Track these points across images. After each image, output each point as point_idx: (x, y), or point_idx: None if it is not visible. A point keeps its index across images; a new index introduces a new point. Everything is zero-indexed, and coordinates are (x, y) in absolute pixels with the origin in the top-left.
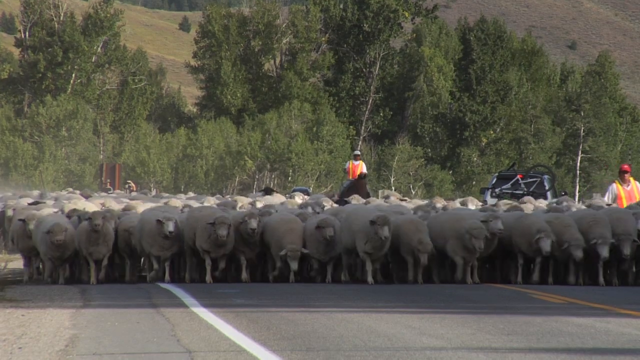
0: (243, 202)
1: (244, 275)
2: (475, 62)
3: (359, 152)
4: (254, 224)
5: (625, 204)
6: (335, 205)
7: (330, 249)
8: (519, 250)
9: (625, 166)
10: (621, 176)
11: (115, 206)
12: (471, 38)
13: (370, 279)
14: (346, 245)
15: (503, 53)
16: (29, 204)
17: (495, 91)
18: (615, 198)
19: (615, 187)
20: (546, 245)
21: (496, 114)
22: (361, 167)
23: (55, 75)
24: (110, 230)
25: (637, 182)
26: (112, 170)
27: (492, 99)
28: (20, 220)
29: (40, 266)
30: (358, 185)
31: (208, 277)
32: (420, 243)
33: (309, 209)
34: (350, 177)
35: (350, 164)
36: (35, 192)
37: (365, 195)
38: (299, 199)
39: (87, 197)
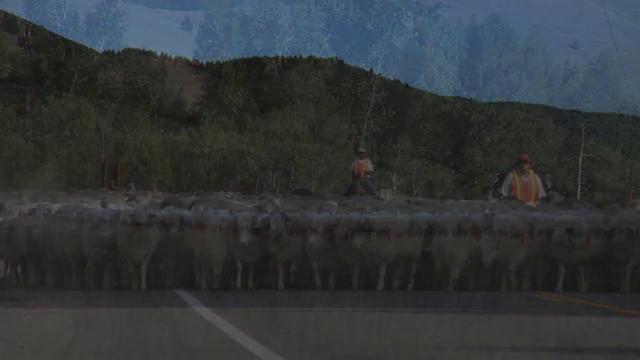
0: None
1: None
2: (482, 62)
3: (363, 150)
4: (315, 241)
5: (520, 195)
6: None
7: None
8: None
9: (525, 156)
10: (519, 167)
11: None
12: (482, 37)
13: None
14: None
15: (509, 52)
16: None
17: (501, 91)
18: (511, 188)
19: (512, 177)
20: None
21: (502, 113)
22: (366, 165)
23: (58, 75)
24: (152, 232)
25: (537, 175)
26: (114, 170)
27: (498, 98)
28: None
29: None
30: (355, 186)
31: (238, 283)
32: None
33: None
34: None
35: (355, 163)
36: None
37: (363, 193)
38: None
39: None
